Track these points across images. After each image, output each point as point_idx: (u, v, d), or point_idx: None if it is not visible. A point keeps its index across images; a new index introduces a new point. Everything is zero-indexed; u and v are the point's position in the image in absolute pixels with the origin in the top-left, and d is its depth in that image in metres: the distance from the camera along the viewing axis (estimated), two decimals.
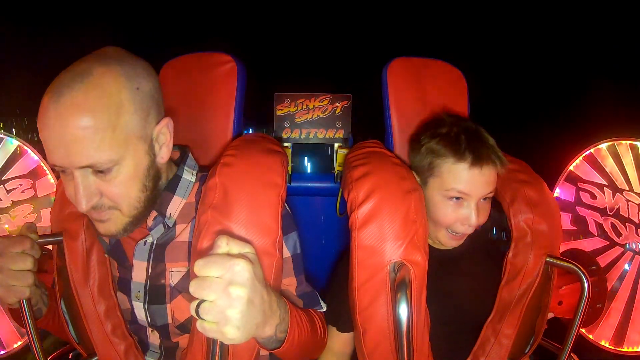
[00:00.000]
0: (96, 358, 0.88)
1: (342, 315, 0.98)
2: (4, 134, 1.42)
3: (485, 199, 0.95)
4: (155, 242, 0.87)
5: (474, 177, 0.92)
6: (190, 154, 0.94)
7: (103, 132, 0.68)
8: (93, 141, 0.68)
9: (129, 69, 0.73)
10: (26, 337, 0.97)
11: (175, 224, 0.87)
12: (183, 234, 0.88)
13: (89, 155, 0.68)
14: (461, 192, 0.93)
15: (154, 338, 0.90)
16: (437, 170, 0.95)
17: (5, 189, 1.41)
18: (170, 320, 0.87)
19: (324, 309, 0.97)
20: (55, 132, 0.67)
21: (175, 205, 0.86)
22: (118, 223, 0.78)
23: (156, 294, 0.86)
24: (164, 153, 0.80)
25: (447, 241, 1.00)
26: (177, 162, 0.91)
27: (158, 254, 0.87)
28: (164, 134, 0.79)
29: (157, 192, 0.83)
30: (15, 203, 1.42)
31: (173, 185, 0.87)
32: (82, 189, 0.71)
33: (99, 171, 0.71)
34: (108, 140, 0.69)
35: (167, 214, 0.85)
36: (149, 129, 0.76)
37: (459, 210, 0.95)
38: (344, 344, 1.03)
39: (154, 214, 0.84)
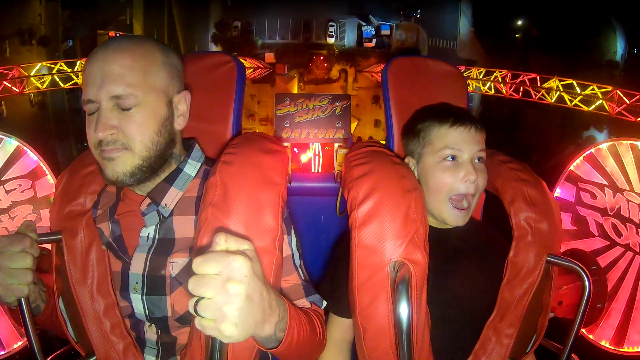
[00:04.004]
0: (95, 357, 0.88)
1: (340, 300, 0.98)
2: (3, 135, 1.42)
3: (478, 159, 0.99)
4: (157, 237, 0.88)
5: (460, 134, 0.99)
6: (196, 146, 0.98)
7: (135, 72, 0.82)
8: (126, 77, 0.81)
9: (164, 45, 0.90)
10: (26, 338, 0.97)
11: (171, 214, 0.89)
12: (186, 231, 0.89)
13: (120, 88, 0.80)
14: (453, 150, 0.98)
15: (151, 333, 0.90)
16: (428, 139, 1.02)
17: (5, 189, 1.40)
18: (169, 313, 0.87)
19: (324, 305, 0.97)
20: (98, 66, 0.81)
21: (172, 197, 0.90)
22: (127, 164, 0.83)
23: (155, 285, 0.87)
24: (180, 120, 0.91)
25: (452, 217, 0.99)
26: (185, 149, 0.96)
27: (160, 248, 0.88)
28: (182, 104, 0.91)
29: (169, 154, 0.90)
30: (14, 203, 1.41)
31: (172, 177, 0.91)
32: (103, 117, 0.81)
33: (123, 109, 0.81)
34: (138, 80, 0.82)
35: (162, 203, 0.88)
36: (172, 91, 0.88)
37: (457, 171, 0.98)
38: (344, 330, 1.03)
39: (147, 200, 0.88)
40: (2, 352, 1.37)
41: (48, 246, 0.94)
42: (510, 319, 0.94)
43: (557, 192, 1.42)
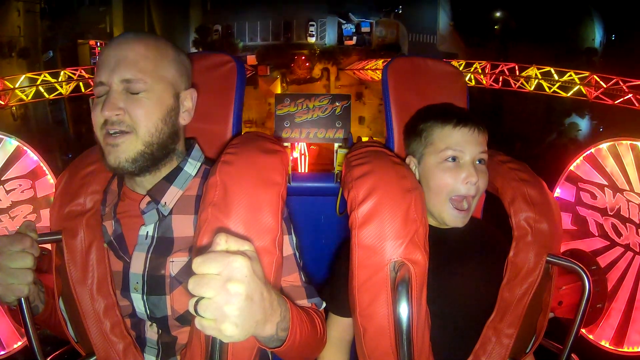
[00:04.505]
0: (95, 357, 0.87)
1: (340, 299, 0.99)
2: (3, 135, 1.42)
3: (480, 161, 0.99)
4: (156, 235, 0.88)
5: (463, 135, 0.98)
6: (196, 145, 0.99)
7: (148, 60, 0.86)
8: (139, 63, 0.84)
9: (176, 45, 0.94)
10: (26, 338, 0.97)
11: (171, 213, 0.90)
12: (185, 229, 0.89)
13: (131, 72, 0.83)
14: (455, 151, 0.98)
15: (151, 333, 0.91)
16: (430, 139, 1.02)
17: (5, 189, 1.40)
18: (169, 312, 0.87)
19: (324, 305, 0.97)
20: (114, 50, 0.85)
21: (171, 196, 0.90)
22: (130, 149, 0.84)
23: (155, 284, 0.87)
24: (185, 116, 0.94)
25: (452, 218, 0.99)
26: (186, 148, 0.97)
27: (159, 247, 0.88)
28: (188, 101, 0.93)
29: (171, 148, 0.91)
30: (14, 203, 1.41)
31: (172, 175, 0.92)
32: (112, 98, 0.83)
33: (131, 93, 0.84)
34: (149, 68, 0.85)
35: (162, 202, 0.89)
36: (179, 86, 0.92)
37: (458, 172, 0.97)
38: (343, 330, 1.03)
39: (147, 199, 0.89)
40: (2, 352, 1.36)
41: (48, 246, 0.94)
42: (510, 319, 0.94)
43: (557, 192, 1.42)
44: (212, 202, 0.81)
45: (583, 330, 1.32)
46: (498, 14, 13.80)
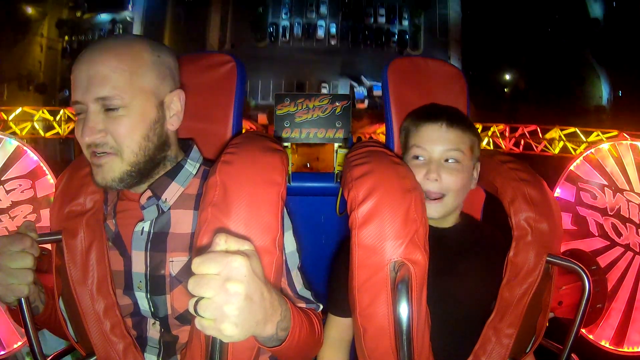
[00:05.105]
0: (95, 357, 0.88)
1: (339, 300, 0.99)
2: (3, 135, 1.42)
3: (450, 159, 0.99)
4: (152, 230, 0.88)
5: (430, 132, 0.99)
6: (195, 147, 0.98)
7: (122, 73, 0.80)
8: (112, 78, 0.80)
9: (155, 43, 0.88)
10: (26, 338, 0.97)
11: (170, 209, 0.90)
12: (183, 225, 0.89)
13: (106, 89, 0.79)
14: (419, 147, 0.99)
15: (153, 332, 0.91)
16: (407, 138, 1.04)
17: (5, 189, 1.40)
18: (169, 311, 0.87)
19: (320, 309, 0.97)
20: (84, 67, 0.80)
21: (172, 192, 0.90)
22: (115, 170, 0.83)
23: (156, 284, 0.87)
24: (174, 121, 0.90)
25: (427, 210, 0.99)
26: (184, 150, 0.96)
27: (156, 244, 0.88)
28: (175, 104, 0.89)
29: (161, 158, 0.89)
30: (14, 203, 1.41)
31: (174, 172, 0.91)
32: (90, 121, 0.80)
33: (109, 109, 0.80)
34: (125, 81, 0.81)
35: (163, 197, 0.89)
36: (163, 91, 0.87)
37: (422, 169, 0.99)
38: (342, 330, 1.03)
39: (148, 193, 0.88)
40: (2, 352, 1.36)
41: (48, 246, 0.94)
42: (510, 319, 0.94)
43: (557, 192, 1.42)
44: (212, 202, 0.81)
45: (583, 330, 1.31)
46: (507, 77, 13.72)
